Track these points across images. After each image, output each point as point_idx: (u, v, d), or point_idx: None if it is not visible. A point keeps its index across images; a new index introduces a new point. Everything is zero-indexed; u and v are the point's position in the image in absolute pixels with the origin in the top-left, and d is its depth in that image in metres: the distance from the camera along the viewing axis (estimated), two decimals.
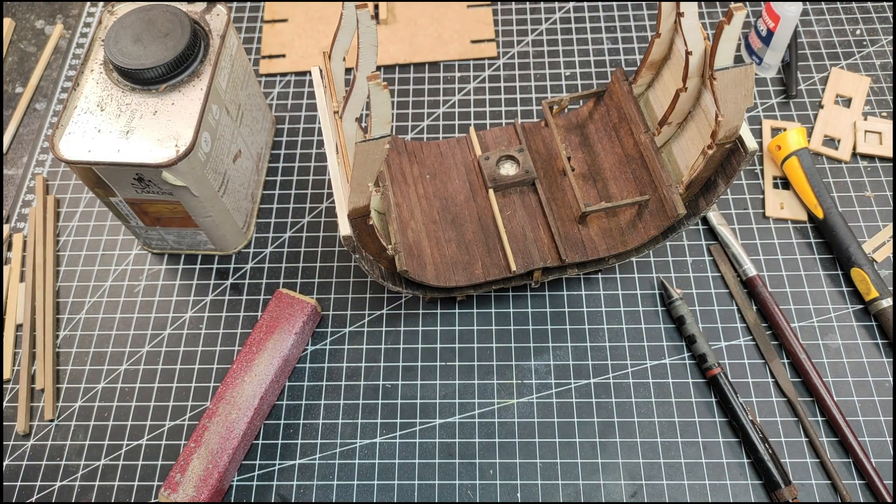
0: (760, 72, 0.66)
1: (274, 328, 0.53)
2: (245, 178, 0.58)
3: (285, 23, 0.73)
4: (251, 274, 0.59)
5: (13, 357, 0.56)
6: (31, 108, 0.70)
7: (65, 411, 0.54)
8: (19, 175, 0.65)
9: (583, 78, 0.68)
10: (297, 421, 0.53)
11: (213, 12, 0.54)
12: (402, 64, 0.69)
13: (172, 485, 0.48)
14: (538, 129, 0.58)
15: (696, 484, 0.49)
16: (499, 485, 0.50)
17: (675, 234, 0.53)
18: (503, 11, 0.72)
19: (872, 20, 0.69)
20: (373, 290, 0.58)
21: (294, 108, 0.67)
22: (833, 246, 0.56)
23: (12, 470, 0.52)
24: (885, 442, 0.50)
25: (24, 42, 0.74)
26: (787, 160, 0.58)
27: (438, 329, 0.56)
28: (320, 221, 0.61)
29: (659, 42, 0.51)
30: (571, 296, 0.56)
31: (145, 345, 0.56)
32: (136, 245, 0.61)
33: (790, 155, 0.58)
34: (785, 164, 0.58)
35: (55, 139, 0.49)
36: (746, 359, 0.53)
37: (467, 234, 0.54)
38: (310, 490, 0.50)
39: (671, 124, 0.51)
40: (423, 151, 0.57)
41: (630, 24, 0.71)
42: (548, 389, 0.53)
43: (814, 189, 0.57)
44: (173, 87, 0.51)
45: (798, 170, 0.58)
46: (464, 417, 0.52)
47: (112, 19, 0.54)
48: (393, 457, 0.51)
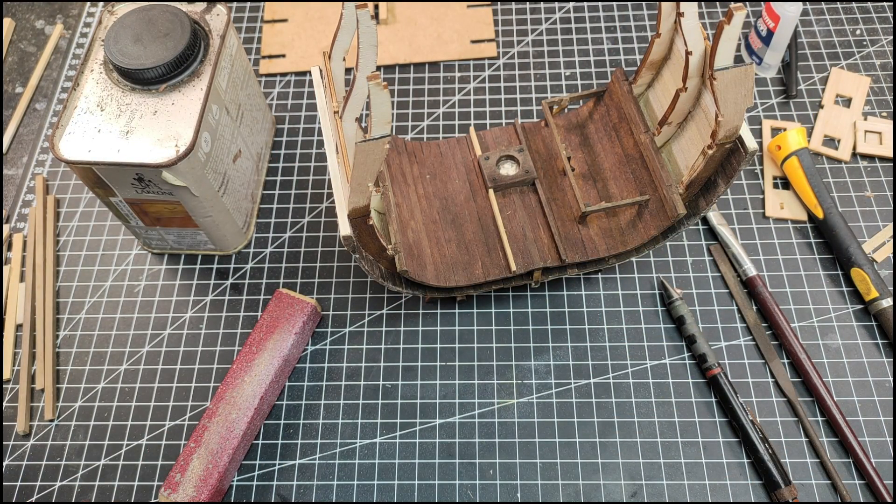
0: (760, 72, 0.66)
1: (274, 328, 0.53)
2: (245, 178, 0.58)
3: (285, 23, 0.73)
4: (251, 274, 0.59)
5: (13, 357, 0.56)
6: (31, 108, 0.70)
7: (65, 411, 0.54)
8: (19, 175, 0.65)
9: (583, 78, 0.68)
10: (297, 421, 0.53)
11: (213, 12, 0.54)
12: (402, 64, 0.69)
13: (172, 485, 0.48)
14: (538, 129, 0.58)
15: (696, 484, 0.49)
16: (499, 485, 0.50)
17: (675, 234, 0.53)
18: (503, 11, 0.72)
19: (872, 20, 0.69)
20: (373, 290, 0.58)
21: (294, 108, 0.67)
22: (833, 246, 0.56)
23: (12, 470, 0.52)
24: (885, 442, 0.50)
25: (24, 42, 0.74)
26: (787, 160, 0.58)
27: (438, 329, 0.56)
28: (320, 221, 0.61)
29: (659, 42, 0.51)
30: (571, 296, 0.56)
31: (145, 345, 0.56)
32: (136, 245, 0.61)
33: (790, 155, 0.58)
34: (785, 164, 0.58)
35: (55, 139, 0.49)
36: (746, 359, 0.53)
37: (467, 234, 0.54)
38: (310, 490, 0.50)
39: (671, 124, 0.51)
40: (423, 151, 0.57)
41: (630, 24, 0.71)
42: (548, 389, 0.53)
43: (814, 189, 0.57)
44: (173, 87, 0.51)
45: (798, 170, 0.58)
46: (464, 417, 0.52)
47: (112, 19, 0.54)
48: (393, 457, 0.51)
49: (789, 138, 0.58)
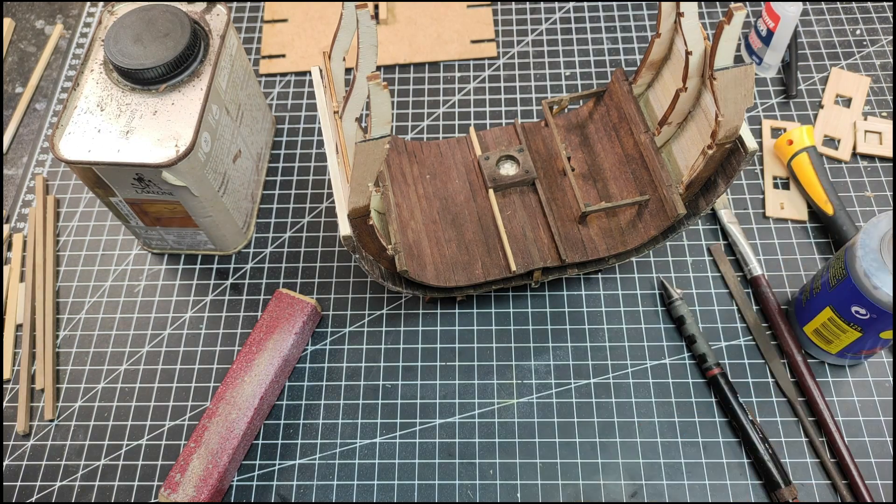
0: (760, 72, 0.66)
1: (274, 328, 0.53)
2: (245, 178, 0.58)
3: (285, 23, 0.73)
4: (251, 274, 0.59)
5: (13, 357, 0.56)
6: (31, 108, 0.70)
7: (65, 411, 0.54)
8: (19, 175, 0.65)
9: (583, 78, 0.68)
10: (297, 421, 0.53)
11: (213, 12, 0.54)
12: (402, 64, 0.69)
13: (172, 485, 0.48)
14: (538, 129, 0.58)
15: (696, 484, 0.49)
16: (499, 485, 0.50)
17: (675, 234, 0.53)
18: (503, 11, 0.72)
19: (872, 20, 0.69)
20: (373, 290, 0.58)
21: (294, 108, 0.67)
22: (840, 243, 0.56)
23: (12, 470, 0.52)
24: (885, 442, 0.50)
25: (24, 42, 0.74)
26: (796, 156, 0.58)
27: (438, 329, 0.56)
28: (320, 221, 0.61)
29: (659, 42, 0.51)
30: (571, 296, 0.56)
31: (145, 345, 0.56)
32: (136, 245, 0.61)
33: (800, 151, 0.58)
34: (793, 161, 0.58)
35: (55, 139, 0.49)
36: (746, 359, 0.53)
37: (467, 234, 0.54)
38: (310, 490, 0.50)
39: (671, 124, 0.51)
40: (423, 151, 0.57)
41: (630, 24, 0.71)
42: (548, 389, 0.53)
43: (823, 185, 0.57)
44: (173, 87, 0.51)
45: (808, 166, 0.57)
46: (464, 417, 0.52)
47: (112, 19, 0.54)
48: (393, 457, 0.51)
49: (801, 134, 0.58)
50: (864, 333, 0.47)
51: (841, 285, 0.46)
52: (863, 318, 0.45)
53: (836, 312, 0.47)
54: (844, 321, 0.47)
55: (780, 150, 0.60)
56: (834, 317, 0.48)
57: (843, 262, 0.46)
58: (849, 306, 0.46)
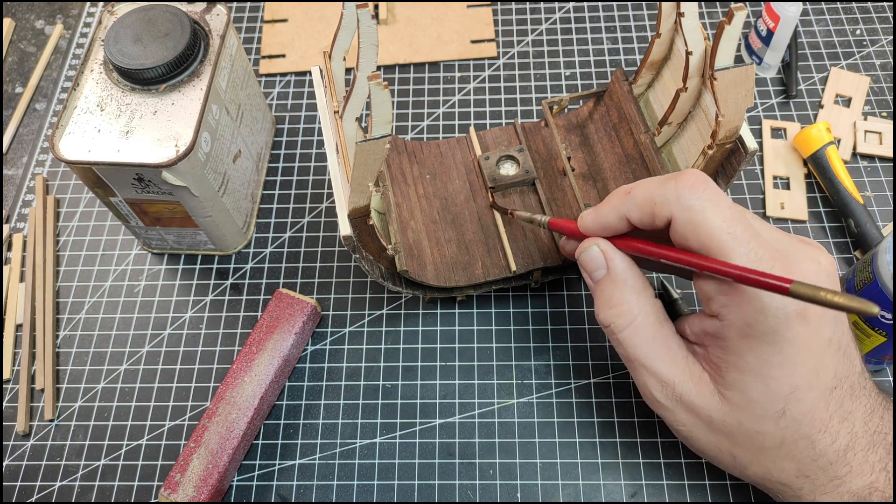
0: (760, 72, 0.66)
1: (274, 328, 0.53)
2: (245, 178, 0.58)
3: (285, 23, 0.73)
4: (251, 274, 0.59)
5: (13, 357, 0.56)
6: (31, 108, 0.70)
7: (65, 411, 0.54)
8: (19, 175, 0.65)
9: (583, 78, 0.68)
10: (297, 421, 0.53)
11: (213, 12, 0.54)
12: (402, 64, 0.69)
13: (172, 485, 0.48)
14: (538, 129, 0.59)
15: (697, 484, 0.49)
16: (499, 485, 0.50)
17: None
18: (503, 11, 0.72)
19: (872, 20, 0.69)
20: (373, 290, 0.58)
21: (294, 108, 0.67)
22: (862, 236, 0.56)
23: (12, 470, 0.52)
24: None
25: (24, 42, 0.74)
26: (826, 148, 0.58)
27: (438, 329, 0.56)
28: (320, 221, 0.61)
29: (659, 42, 0.51)
30: (571, 296, 0.56)
31: (145, 345, 0.56)
32: (136, 245, 0.61)
33: (829, 143, 0.58)
34: (822, 153, 0.58)
35: (55, 139, 0.49)
36: None
37: (467, 234, 0.54)
38: (310, 490, 0.50)
39: (671, 124, 0.51)
40: (423, 151, 0.57)
41: (630, 24, 0.71)
42: (548, 389, 0.53)
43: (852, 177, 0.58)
44: (173, 87, 0.51)
45: (837, 157, 0.58)
46: (464, 417, 0.52)
47: (112, 19, 0.54)
48: (393, 457, 0.51)
49: (822, 129, 0.58)
50: (889, 338, 0.46)
51: (867, 289, 0.45)
52: (888, 322, 0.45)
53: (861, 317, 0.47)
54: (869, 326, 0.47)
55: (804, 143, 0.59)
56: (858, 321, 0.47)
57: (869, 265, 0.45)
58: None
